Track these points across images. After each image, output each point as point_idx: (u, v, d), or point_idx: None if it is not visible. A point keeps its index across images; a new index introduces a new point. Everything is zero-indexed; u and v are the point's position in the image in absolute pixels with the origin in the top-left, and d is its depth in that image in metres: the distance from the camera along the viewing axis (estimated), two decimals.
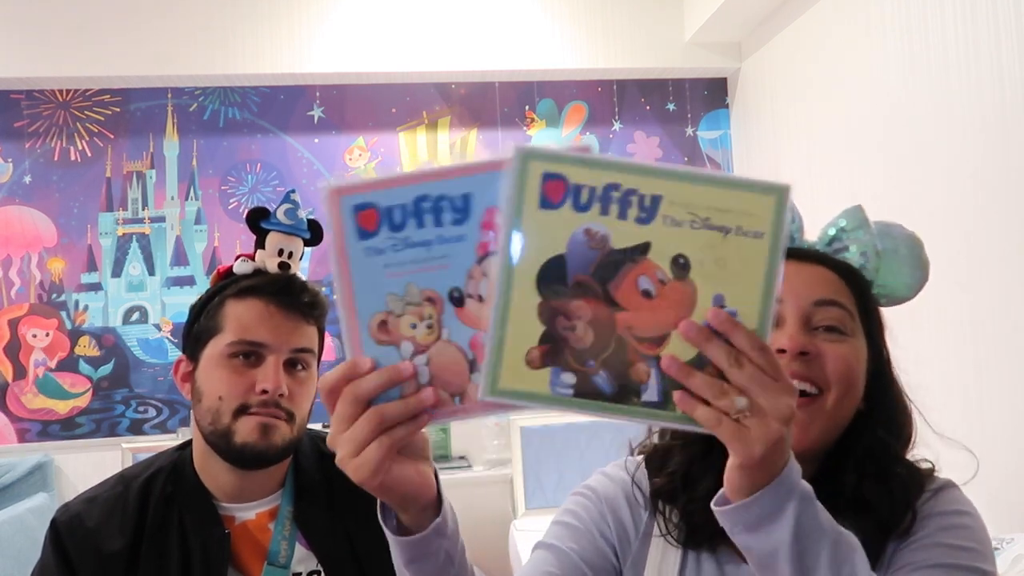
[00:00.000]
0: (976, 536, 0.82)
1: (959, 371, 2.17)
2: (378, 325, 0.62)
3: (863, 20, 2.61)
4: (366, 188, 0.60)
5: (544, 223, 0.59)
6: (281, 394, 1.09)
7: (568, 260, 0.60)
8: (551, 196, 0.59)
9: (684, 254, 0.60)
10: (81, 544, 1.10)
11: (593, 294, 0.60)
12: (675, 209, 0.60)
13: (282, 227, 1.17)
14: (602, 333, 0.60)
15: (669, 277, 0.60)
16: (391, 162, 3.47)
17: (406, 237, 0.61)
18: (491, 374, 0.59)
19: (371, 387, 0.61)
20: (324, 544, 1.15)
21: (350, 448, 0.62)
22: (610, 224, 0.60)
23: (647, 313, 0.60)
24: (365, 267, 0.61)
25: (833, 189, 2.78)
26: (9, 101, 3.27)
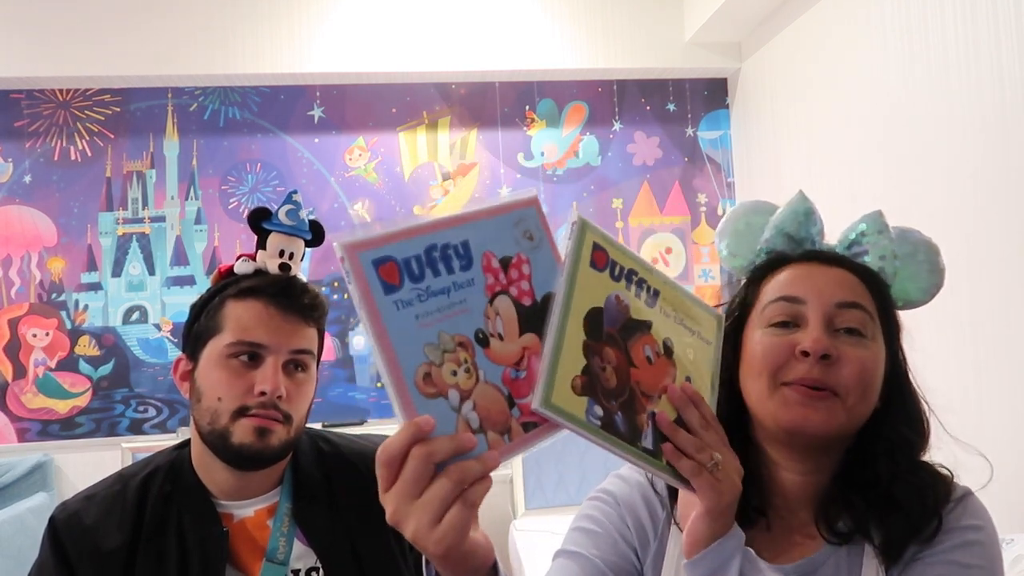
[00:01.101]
0: (986, 553, 0.85)
1: (959, 371, 2.17)
2: (423, 378, 0.61)
3: (863, 20, 2.61)
4: (380, 242, 0.61)
5: (592, 279, 0.72)
6: (279, 396, 1.09)
7: (605, 314, 0.72)
8: (597, 262, 0.73)
9: (670, 339, 0.77)
10: (79, 542, 1.10)
11: (618, 346, 0.72)
12: (666, 304, 0.78)
13: (283, 228, 1.17)
14: (622, 380, 0.72)
15: (661, 353, 0.76)
16: (391, 162, 3.47)
17: (427, 287, 0.62)
18: (546, 389, 0.65)
19: (446, 451, 0.59)
20: (323, 541, 1.15)
21: (429, 516, 0.59)
22: (631, 298, 0.75)
23: (648, 374, 0.74)
24: (398, 321, 0.60)
25: (833, 189, 2.78)
26: (9, 101, 3.27)
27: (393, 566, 1.17)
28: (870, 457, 0.89)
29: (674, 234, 3.60)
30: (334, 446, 1.24)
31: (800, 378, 0.85)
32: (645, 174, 3.61)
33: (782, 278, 0.92)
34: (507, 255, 0.67)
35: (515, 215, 0.69)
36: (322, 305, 1.17)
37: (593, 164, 3.58)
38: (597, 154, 3.59)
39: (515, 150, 3.54)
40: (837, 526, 0.87)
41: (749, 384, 0.90)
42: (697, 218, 3.62)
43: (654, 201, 3.60)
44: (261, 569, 1.10)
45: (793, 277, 0.91)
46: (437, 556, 0.60)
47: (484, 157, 3.52)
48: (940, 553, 0.83)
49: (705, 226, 3.61)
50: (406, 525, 0.60)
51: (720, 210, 3.63)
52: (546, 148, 3.56)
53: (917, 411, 0.92)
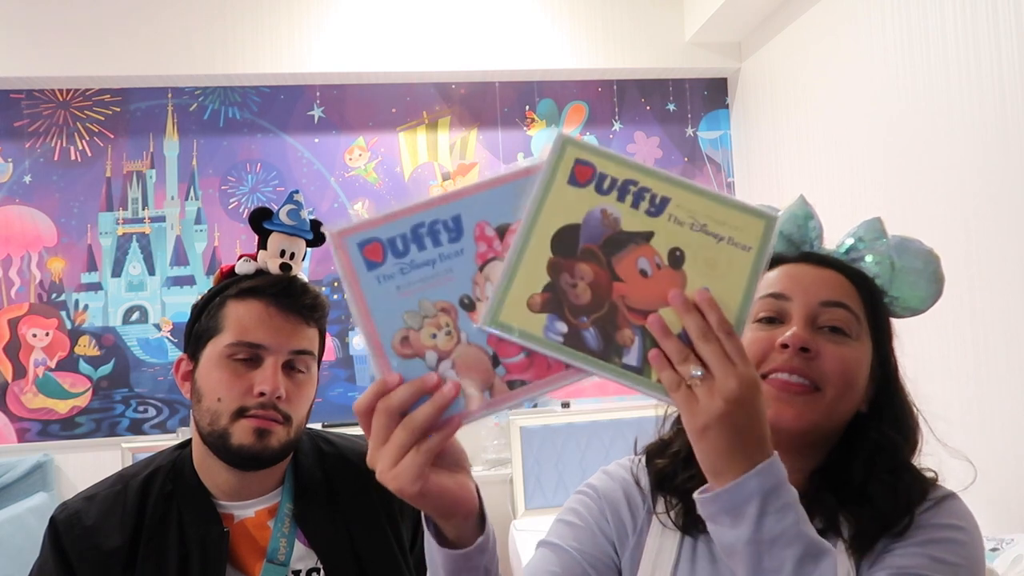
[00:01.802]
0: (965, 552, 0.84)
1: (959, 373, 2.17)
2: (400, 341, 0.67)
3: (863, 20, 2.61)
4: (366, 226, 0.68)
5: (568, 196, 0.69)
6: (279, 396, 1.09)
7: (582, 230, 0.69)
8: (579, 177, 0.70)
9: (681, 248, 0.69)
10: (80, 542, 1.10)
11: (597, 262, 0.69)
12: (680, 211, 0.69)
13: (284, 228, 1.17)
14: (598, 296, 0.68)
15: (665, 264, 0.69)
16: (391, 162, 3.47)
17: (411, 260, 0.68)
18: (494, 307, 0.67)
19: (401, 399, 0.64)
20: (324, 542, 1.15)
21: (388, 460, 0.65)
22: (623, 210, 0.69)
23: (640, 288, 0.69)
24: (378, 292, 0.67)
25: (833, 189, 2.78)
26: (9, 101, 3.27)
27: (394, 567, 1.17)
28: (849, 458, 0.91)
29: None
30: (335, 446, 1.24)
31: (778, 367, 0.87)
32: None
33: (772, 276, 0.94)
34: (505, 222, 0.69)
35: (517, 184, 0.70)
36: (323, 305, 1.17)
37: None
38: None
39: (515, 150, 3.54)
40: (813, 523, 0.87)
41: None
42: None
43: None
44: (262, 570, 1.10)
45: (782, 275, 0.94)
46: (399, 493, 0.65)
47: (484, 157, 3.52)
48: (912, 545, 0.84)
49: None
50: (374, 467, 0.66)
51: None
52: (546, 148, 3.55)
53: (905, 415, 0.93)
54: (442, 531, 0.72)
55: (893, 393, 0.93)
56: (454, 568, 0.71)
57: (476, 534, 0.72)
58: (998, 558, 1.70)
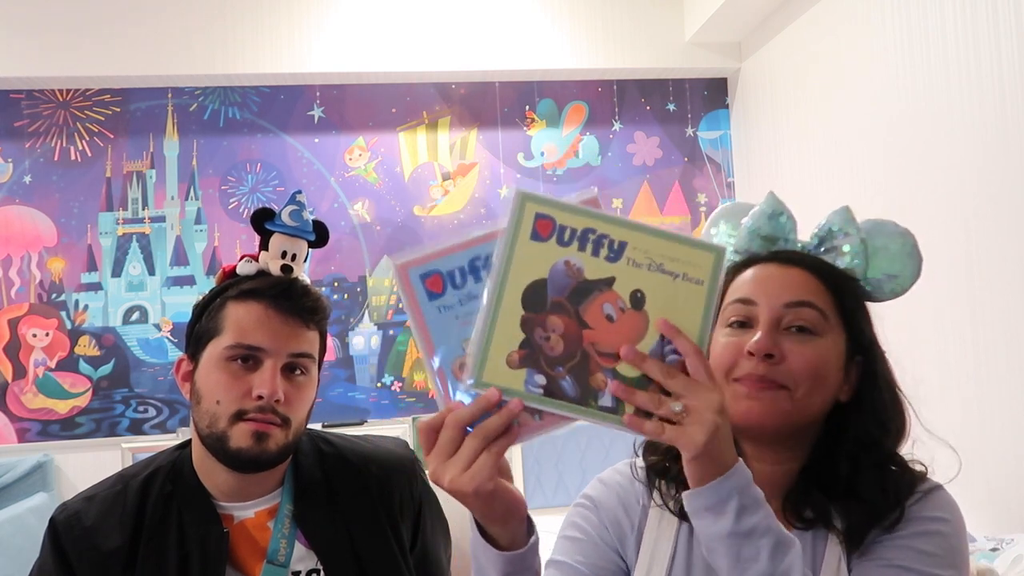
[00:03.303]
0: (946, 543, 0.88)
1: (959, 370, 2.17)
2: (460, 367, 0.72)
3: (863, 20, 2.61)
4: (427, 259, 0.74)
5: (533, 252, 0.73)
6: (277, 400, 1.08)
7: (549, 284, 0.73)
8: (541, 231, 0.73)
9: (641, 290, 0.74)
10: (79, 543, 1.10)
11: (566, 313, 0.73)
12: (637, 253, 0.74)
13: (286, 229, 1.16)
14: (571, 345, 0.73)
15: (628, 306, 0.74)
16: (391, 162, 3.47)
17: (468, 292, 0.74)
18: (476, 369, 0.71)
19: (470, 413, 0.70)
20: (324, 543, 1.15)
21: (460, 466, 0.70)
22: (585, 259, 0.74)
23: (608, 333, 0.73)
24: (439, 322, 0.73)
25: (833, 189, 2.78)
26: (9, 101, 3.27)
27: (394, 567, 1.17)
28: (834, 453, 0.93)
29: None
30: (335, 447, 1.24)
31: (746, 374, 0.90)
32: (645, 174, 3.61)
33: (741, 280, 0.97)
34: None
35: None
36: (324, 308, 1.16)
37: (593, 164, 3.58)
38: (597, 154, 3.59)
39: (515, 150, 3.54)
40: (804, 514, 0.92)
41: None
42: (697, 218, 3.62)
43: (654, 201, 3.61)
44: (262, 571, 1.10)
45: (750, 279, 0.97)
46: (470, 494, 0.70)
47: (484, 157, 3.52)
48: (899, 538, 0.87)
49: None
50: (443, 478, 0.71)
51: None
52: (546, 148, 3.56)
53: (889, 406, 0.95)
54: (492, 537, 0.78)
55: (875, 381, 0.95)
56: (511, 570, 0.77)
57: (526, 537, 0.78)
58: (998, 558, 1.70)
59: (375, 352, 3.43)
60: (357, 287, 3.43)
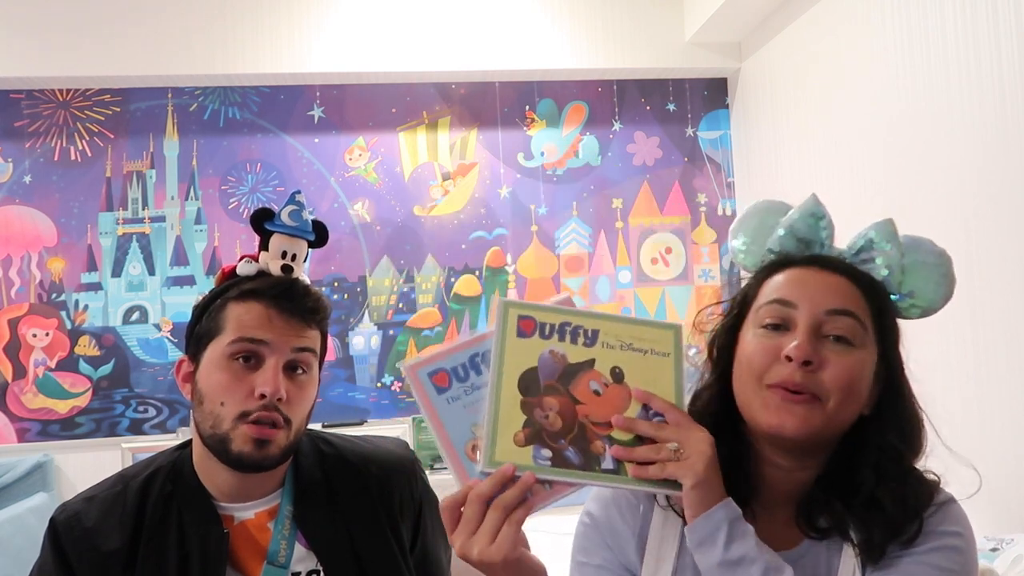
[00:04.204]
0: (963, 558, 0.88)
1: (959, 373, 2.17)
2: (471, 449, 0.83)
3: (863, 20, 2.61)
4: (433, 359, 0.86)
5: (521, 347, 0.86)
6: (280, 398, 1.08)
7: (540, 370, 0.86)
8: (525, 329, 0.87)
9: (619, 366, 0.88)
10: (79, 543, 1.09)
11: (559, 393, 0.85)
12: (609, 337, 0.88)
13: (286, 229, 1.16)
14: (568, 420, 0.84)
15: (610, 381, 0.87)
16: (391, 162, 3.47)
17: (471, 383, 0.86)
18: (488, 451, 0.81)
19: (488, 488, 0.79)
20: (324, 544, 1.14)
21: (486, 538, 0.78)
22: (566, 347, 0.87)
23: (598, 405, 0.85)
24: (449, 412, 0.84)
25: (833, 189, 2.78)
26: (9, 101, 3.27)
27: (394, 567, 1.17)
28: (855, 463, 0.91)
29: (674, 234, 3.60)
30: (335, 448, 1.23)
31: (782, 381, 0.88)
32: (645, 174, 3.61)
33: (779, 280, 0.94)
34: None
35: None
36: (325, 307, 1.16)
37: (593, 164, 3.58)
38: (597, 154, 3.59)
39: (515, 150, 3.54)
40: (818, 523, 0.91)
41: (738, 382, 0.93)
42: (697, 218, 3.62)
43: (654, 201, 3.60)
44: (262, 572, 1.10)
45: (789, 280, 0.93)
46: (499, 564, 0.78)
47: (484, 157, 3.52)
48: (917, 554, 0.87)
49: (705, 226, 3.61)
50: (471, 551, 0.79)
51: (720, 210, 3.63)
52: (546, 148, 3.56)
53: (910, 419, 0.93)
54: None
55: (897, 396, 0.93)
56: None
57: None
58: (998, 558, 1.70)
59: (375, 352, 3.43)
60: (357, 287, 3.43)
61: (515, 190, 3.53)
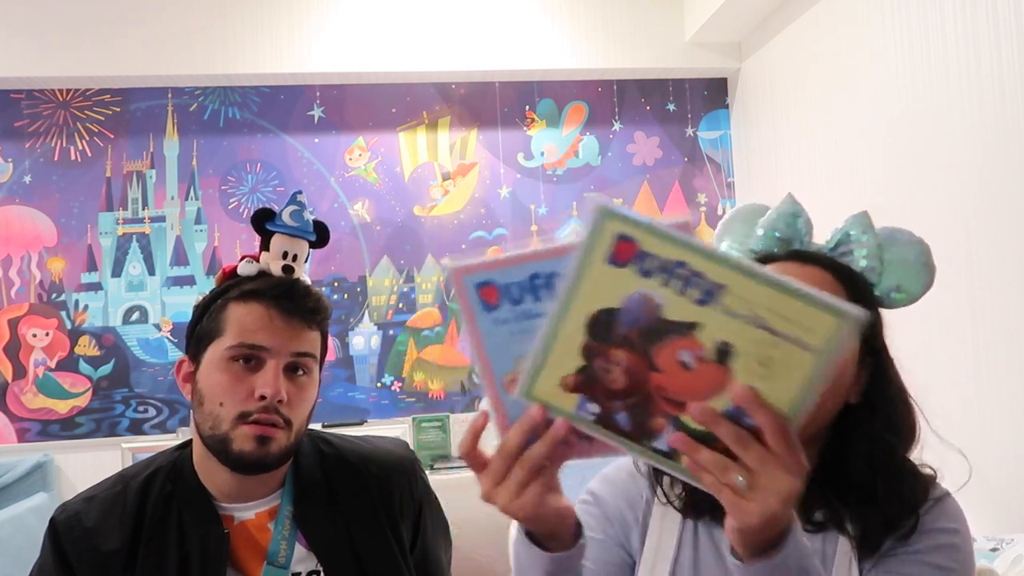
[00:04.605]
0: (960, 556, 0.89)
1: (959, 373, 2.18)
2: (509, 383, 0.69)
3: (863, 20, 2.61)
4: (484, 267, 0.68)
5: (607, 277, 0.63)
6: (280, 400, 1.08)
7: (620, 315, 0.64)
8: (619, 255, 0.62)
9: (730, 343, 0.62)
10: (79, 543, 1.09)
11: (634, 349, 0.65)
12: (736, 302, 0.61)
13: (287, 229, 1.16)
14: (634, 383, 0.65)
15: (709, 357, 0.63)
16: (391, 162, 3.47)
17: (526, 309, 0.68)
18: (528, 381, 0.67)
19: (516, 443, 0.69)
20: (324, 544, 1.14)
21: (510, 495, 0.71)
22: (668, 295, 0.62)
23: (680, 380, 0.64)
24: (494, 335, 0.69)
25: (833, 189, 2.78)
26: (9, 101, 3.27)
27: (394, 567, 1.17)
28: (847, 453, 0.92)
29: None
30: (335, 448, 1.24)
31: None
32: (645, 174, 3.61)
33: None
34: None
35: None
36: (325, 308, 1.16)
37: (593, 164, 3.58)
38: (597, 154, 3.59)
39: (515, 150, 3.54)
40: (814, 516, 0.91)
41: None
42: (697, 218, 3.62)
43: (654, 201, 3.60)
44: (262, 572, 1.10)
45: None
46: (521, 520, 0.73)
47: (484, 157, 3.52)
48: (915, 553, 0.87)
49: (705, 226, 3.61)
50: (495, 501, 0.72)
51: (720, 210, 3.63)
52: (546, 148, 3.56)
53: (899, 408, 0.95)
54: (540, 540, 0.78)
55: (885, 384, 0.95)
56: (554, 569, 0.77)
57: (573, 539, 0.78)
58: (998, 558, 1.70)
59: (375, 352, 3.43)
60: (357, 287, 3.43)
61: (515, 190, 3.53)
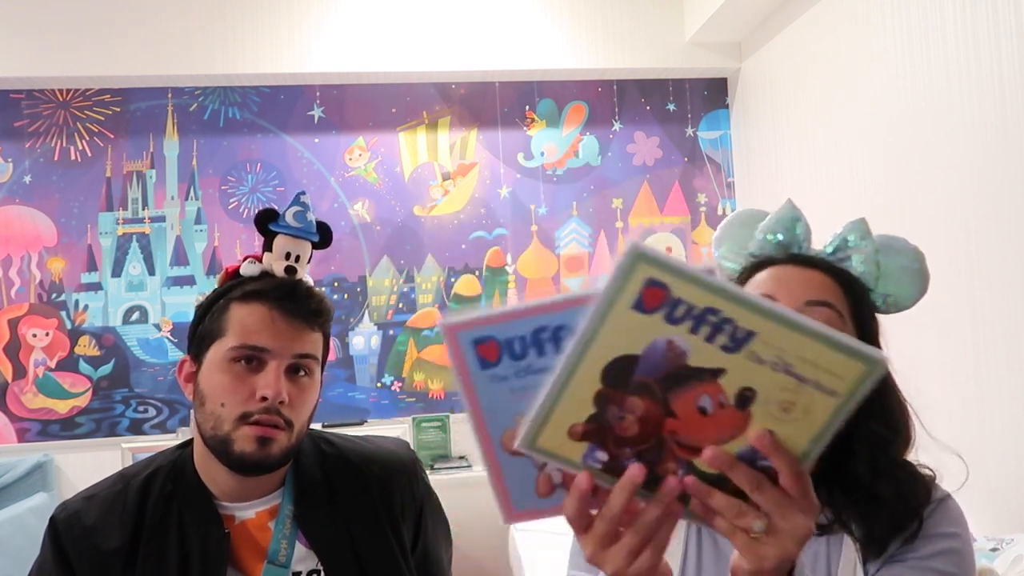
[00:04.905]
0: (962, 560, 0.89)
1: (959, 372, 2.18)
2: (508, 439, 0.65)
3: (863, 20, 2.61)
4: (483, 323, 0.62)
5: (630, 324, 0.60)
6: (281, 401, 1.08)
7: (640, 362, 0.61)
8: (647, 302, 0.59)
9: (753, 388, 0.61)
10: (79, 542, 1.10)
11: (651, 396, 0.62)
12: (764, 348, 0.60)
13: (290, 230, 1.16)
14: (647, 431, 0.63)
15: (730, 403, 0.62)
16: (391, 162, 3.47)
17: (529, 365, 0.63)
18: (533, 430, 0.63)
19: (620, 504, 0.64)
20: (325, 543, 1.14)
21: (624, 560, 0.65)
22: (694, 343, 0.60)
23: (695, 425, 0.62)
24: (491, 392, 0.64)
25: (833, 189, 2.78)
26: (9, 101, 3.27)
27: (394, 568, 1.17)
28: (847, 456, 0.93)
29: (674, 234, 3.61)
30: (336, 448, 1.24)
31: None
32: (645, 174, 3.61)
33: (760, 278, 0.98)
34: None
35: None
36: (328, 310, 1.16)
37: (593, 164, 3.58)
38: (597, 154, 3.59)
39: (515, 150, 3.54)
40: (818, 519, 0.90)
41: None
42: (697, 218, 3.62)
43: (654, 201, 3.61)
44: (262, 571, 1.10)
45: (769, 277, 0.98)
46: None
47: (484, 157, 3.52)
48: (919, 559, 0.88)
49: (705, 226, 3.61)
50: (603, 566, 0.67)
51: (720, 210, 3.63)
52: (546, 148, 3.56)
53: (896, 411, 0.96)
54: None
55: (882, 389, 0.95)
56: None
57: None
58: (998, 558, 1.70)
59: (375, 352, 3.43)
60: (357, 287, 3.43)
61: (515, 190, 3.53)
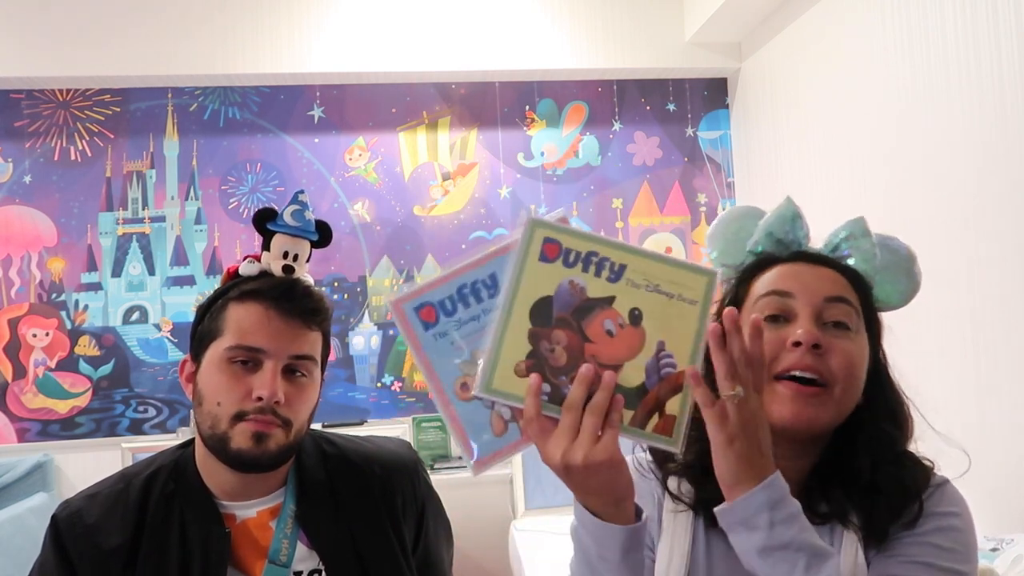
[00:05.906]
0: (962, 538, 0.90)
1: (959, 371, 2.18)
2: (460, 387, 0.79)
3: (863, 20, 2.61)
4: (418, 293, 0.81)
5: (540, 272, 0.80)
6: (277, 401, 1.08)
7: (555, 300, 0.80)
8: (548, 254, 0.81)
9: (639, 308, 0.81)
10: (80, 540, 1.10)
11: (570, 327, 0.80)
12: (636, 275, 0.81)
13: (288, 229, 1.16)
14: (573, 356, 0.79)
15: (627, 323, 0.80)
16: (391, 162, 3.47)
17: (459, 318, 0.81)
18: (487, 377, 0.77)
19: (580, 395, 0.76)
20: (326, 543, 1.14)
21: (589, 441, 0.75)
22: (588, 279, 0.81)
23: (608, 346, 0.80)
24: (436, 348, 0.80)
25: (833, 189, 2.78)
26: (9, 101, 3.27)
27: (395, 568, 1.17)
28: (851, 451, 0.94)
29: (674, 234, 3.61)
30: (338, 448, 1.24)
31: (792, 365, 0.90)
32: (645, 174, 3.61)
33: (771, 275, 0.97)
34: None
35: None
36: (326, 309, 1.15)
37: (593, 164, 3.58)
38: (597, 154, 3.59)
39: (515, 150, 3.54)
40: (819, 508, 0.93)
41: None
42: (697, 218, 3.62)
43: (654, 201, 3.61)
44: (263, 571, 1.10)
45: (782, 274, 0.97)
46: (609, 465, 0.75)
47: (484, 157, 3.52)
48: (917, 535, 0.89)
49: (705, 226, 3.61)
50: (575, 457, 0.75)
51: (720, 210, 3.63)
52: (546, 148, 3.56)
53: (898, 407, 0.97)
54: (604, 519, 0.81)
55: (884, 384, 0.97)
56: (631, 545, 0.81)
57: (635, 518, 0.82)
58: (998, 558, 1.70)
59: (375, 352, 3.43)
60: (357, 287, 3.43)
61: (515, 190, 3.53)
